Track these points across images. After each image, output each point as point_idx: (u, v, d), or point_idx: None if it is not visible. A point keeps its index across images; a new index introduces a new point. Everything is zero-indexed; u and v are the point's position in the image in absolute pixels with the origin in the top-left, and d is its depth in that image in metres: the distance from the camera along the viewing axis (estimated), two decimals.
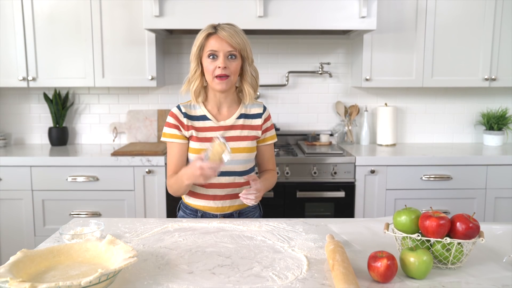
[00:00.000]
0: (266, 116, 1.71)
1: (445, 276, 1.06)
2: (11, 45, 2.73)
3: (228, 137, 1.62)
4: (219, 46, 1.54)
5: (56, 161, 2.58)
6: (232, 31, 1.55)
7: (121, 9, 2.70)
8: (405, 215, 1.12)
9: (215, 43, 1.54)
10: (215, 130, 1.62)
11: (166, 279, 1.04)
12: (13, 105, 3.10)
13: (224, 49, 1.54)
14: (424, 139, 3.17)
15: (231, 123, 1.64)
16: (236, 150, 1.61)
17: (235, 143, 1.62)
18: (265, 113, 1.71)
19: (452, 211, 2.58)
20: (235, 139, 1.63)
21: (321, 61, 3.06)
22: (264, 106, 1.73)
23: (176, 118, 1.63)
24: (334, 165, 2.57)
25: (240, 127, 1.65)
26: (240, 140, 1.63)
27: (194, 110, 1.65)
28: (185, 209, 1.71)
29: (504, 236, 1.33)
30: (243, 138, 1.64)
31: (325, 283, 1.03)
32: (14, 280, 0.89)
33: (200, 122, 1.63)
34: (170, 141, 1.63)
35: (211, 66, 1.55)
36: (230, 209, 1.66)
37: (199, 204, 1.66)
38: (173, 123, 1.63)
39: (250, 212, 1.71)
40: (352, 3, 2.51)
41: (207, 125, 1.63)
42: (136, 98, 3.10)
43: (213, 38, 1.55)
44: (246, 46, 1.58)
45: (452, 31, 2.75)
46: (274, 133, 1.75)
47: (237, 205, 1.67)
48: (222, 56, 1.54)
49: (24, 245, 2.55)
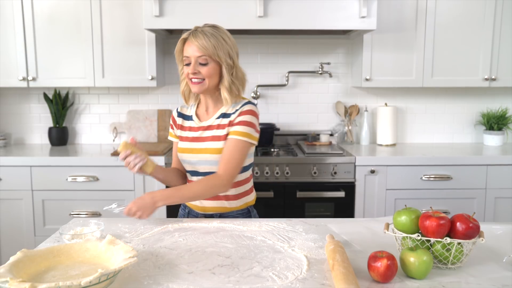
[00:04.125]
0: (241, 110, 1.57)
1: (445, 276, 1.06)
2: (11, 45, 2.73)
3: (204, 137, 1.61)
4: (190, 52, 1.54)
5: (56, 161, 2.58)
6: (202, 35, 1.51)
7: (121, 9, 2.70)
8: (405, 215, 1.12)
9: (187, 49, 1.55)
10: (195, 130, 1.64)
11: (166, 279, 1.04)
12: (13, 105, 3.10)
13: (194, 55, 1.53)
14: (424, 139, 3.17)
15: (209, 123, 1.62)
16: (209, 151, 1.58)
17: (209, 143, 1.59)
18: (242, 108, 1.57)
19: (452, 211, 2.57)
20: (210, 139, 1.60)
21: (321, 61, 3.06)
22: (247, 101, 1.61)
23: (172, 118, 1.74)
24: (334, 165, 2.57)
25: (216, 127, 1.61)
26: (214, 140, 1.59)
27: (188, 110, 1.72)
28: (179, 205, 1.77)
29: (504, 236, 1.33)
30: (218, 138, 1.58)
31: (325, 283, 1.03)
32: (14, 280, 0.89)
33: (188, 122, 1.69)
34: (170, 139, 1.76)
35: (186, 71, 1.57)
36: (211, 210, 1.63)
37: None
38: (171, 123, 1.75)
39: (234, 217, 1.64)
40: (352, 3, 2.51)
41: (190, 125, 1.67)
42: (136, 98, 3.10)
43: (187, 44, 1.55)
44: (218, 50, 1.52)
45: (452, 31, 2.75)
46: (244, 130, 1.54)
47: (219, 207, 1.63)
48: (193, 62, 1.53)
49: (24, 245, 2.55)
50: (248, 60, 3.07)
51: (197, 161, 1.61)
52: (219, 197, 1.61)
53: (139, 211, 1.44)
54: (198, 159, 1.60)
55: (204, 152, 1.59)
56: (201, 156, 1.60)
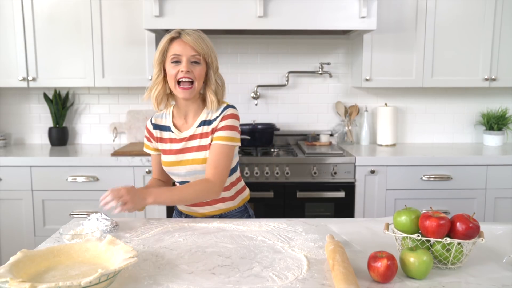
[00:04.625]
0: (223, 115, 1.54)
1: (445, 276, 1.06)
2: (11, 45, 2.73)
3: (188, 147, 1.56)
4: (182, 50, 1.48)
5: (56, 161, 2.58)
6: (196, 35, 1.50)
7: (121, 9, 2.70)
8: (405, 215, 1.12)
9: (179, 47, 1.49)
10: (177, 142, 1.57)
11: (166, 279, 1.04)
12: (13, 105, 3.10)
13: (187, 53, 1.48)
14: (424, 139, 3.17)
15: (191, 133, 1.57)
16: (196, 161, 1.54)
17: (193, 153, 1.55)
18: (223, 113, 1.54)
19: (452, 211, 2.57)
20: (195, 150, 1.55)
21: (321, 61, 3.06)
22: (225, 106, 1.56)
23: (148, 130, 1.65)
24: (334, 165, 2.57)
25: (199, 136, 1.55)
26: (200, 150, 1.54)
27: (164, 120, 1.62)
28: (176, 211, 1.74)
29: (504, 236, 1.33)
30: (203, 148, 1.54)
31: (325, 283, 1.03)
32: (14, 280, 0.89)
33: (166, 133, 1.61)
34: (147, 152, 1.69)
35: (174, 71, 1.49)
36: (210, 214, 1.63)
37: (183, 208, 1.67)
38: (146, 136, 1.67)
39: (234, 216, 1.66)
40: (352, 3, 2.51)
41: (171, 136, 1.59)
42: (136, 98, 3.10)
43: (177, 43, 1.50)
44: (211, 52, 1.52)
45: (452, 31, 2.75)
46: (227, 135, 1.52)
47: (217, 210, 1.63)
48: (185, 61, 1.48)
49: (24, 245, 2.55)
50: (248, 60, 3.07)
51: (186, 173, 1.57)
52: (215, 201, 1.59)
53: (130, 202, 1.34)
54: (187, 170, 1.56)
55: (192, 163, 1.55)
56: (190, 167, 1.56)
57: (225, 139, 1.52)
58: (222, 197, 1.60)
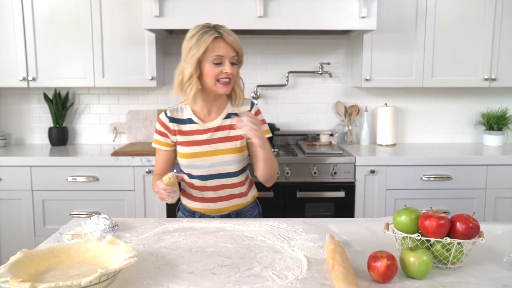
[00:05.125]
0: (254, 111, 1.68)
1: (445, 276, 1.06)
2: (11, 45, 2.73)
3: (216, 138, 1.61)
4: (226, 51, 1.52)
5: (56, 161, 2.58)
6: (236, 37, 1.56)
7: (121, 9, 2.70)
8: (405, 215, 1.12)
9: (223, 48, 1.52)
10: (202, 133, 1.61)
11: (166, 279, 1.04)
12: (13, 105, 3.10)
13: (229, 54, 1.53)
14: (424, 139, 3.17)
15: (218, 124, 1.63)
16: (225, 151, 1.60)
17: (223, 144, 1.61)
18: (253, 109, 1.68)
19: (452, 211, 2.57)
20: (223, 140, 1.62)
21: (321, 61, 3.06)
22: (252, 102, 1.70)
23: (163, 124, 1.65)
24: (334, 165, 2.57)
25: (228, 127, 1.63)
26: (228, 141, 1.62)
27: (181, 114, 1.65)
28: (183, 210, 1.73)
29: (504, 236, 1.33)
30: (231, 139, 1.62)
31: (325, 283, 1.03)
32: (14, 280, 0.89)
33: (187, 126, 1.63)
34: (157, 147, 1.68)
35: (216, 70, 1.52)
36: (227, 210, 1.66)
37: (196, 206, 1.67)
38: (160, 130, 1.66)
39: (248, 211, 1.71)
40: (352, 3, 2.51)
41: (193, 128, 1.63)
42: (136, 98, 3.10)
43: (220, 42, 1.52)
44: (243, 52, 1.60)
45: (452, 31, 2.75)
46: (266, 128, 1.68)
47: (234, 205, 1.67)
48: (228, 62, 1.53)
49: (24, 245, 2.55)
50: (248, 60, 3.03)
51: (212, 164, 1.60)
52: (232, 196, 1.65)
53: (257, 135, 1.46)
54: (213, 161, 1.60)
55: (221, 153, 1.60)
56: (217, 157, 1.60)
57: (267, 132, 1.66)
58: (240, 192, 1.66)
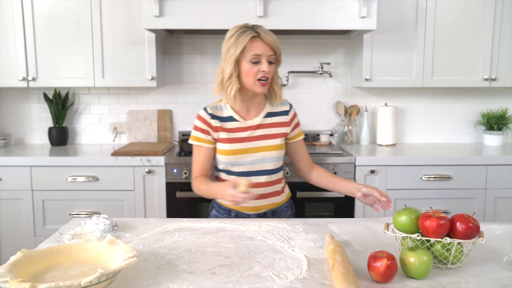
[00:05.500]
0: (293, 113, 1.74)
1: (445, 276, 1.06)
2: (11, 45, 2.73)
3: (257, 136, 1.64)
4: (263, 50, 1.54)
5: (56, 161, 2.58)
6: (274, 36, 1.57)
7: (121, 9, 2.70)
8: (405, 215, 1.12)
9: (261, 47, 1.54)
10: (243, 130, 1.63)
11: (166, 279, 1.04)
12: (13, 105, 3.10)
13: (267, 53, 1.55)
14: (424, 139, 3.17)
15: (258, 122, 1.66)
16: (265, 149, 1.63)
17: (264, 141, 1.64)
18: (291, 110, 1.74)
19: (452, 211, 2.57)
20: (263, 138, 1.65)
21: (321, 61, 3.06)
22: (289, 103, 1.75)
23: (204, 121, 1.64)
24: (334, 165, 2.57)
25: (268, 126, 1.66)
26: (269, 139, 1.65)
27: (221, 112, 1.66)
28: (218, 208, 1.72)
29: (504, 236, 1.33)
30: (272, 136, 1.66)
31: (325, 283, 1.03)
32: (14, 280, 0.89)
33: (228, 124, 1.64)
34: (197, 145, 1.65)
35: (254, 69, 1.54)
36: (263, 208, 1.67)
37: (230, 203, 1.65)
38: (200, 127, 1.64)
39: (283, 211, 1.73)
40: (352, 3, 2.51)
41: (235, 126, 1.64)
42: (136, 98, 3.10)
43: (258, 41, 1.54)
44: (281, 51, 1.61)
45: (452, 31, 2.75)
46: (301, 130, 1.77)
47: (270, 204, 1.68)
48: (265, 61, 1.55)
49: (24, 245, 2.55)
50: None
51: (253, 161, 1.63)
52: (273, 194, 1.67)
53: None
54: (255, 158, 1.62)
55: (263, 150, 1.63)
56: (259, 155, 1.63)
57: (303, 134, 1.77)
58: (276, 191, 1.68)
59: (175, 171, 2.56)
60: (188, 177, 2.54)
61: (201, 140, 1.64)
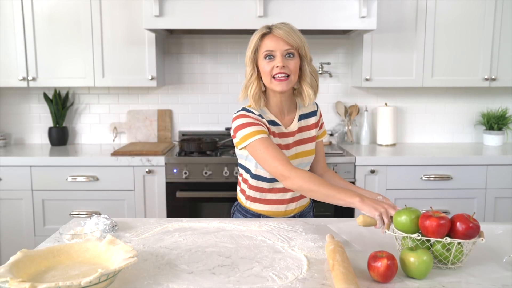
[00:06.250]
0: (319, 112, 1.66)
1: (445, 276, 1.06)
2: (11, 45, 2.73)
3: (296, 141, 1.56)
4: (275, 45, 1.45)
5: (56, 161, 2.58)
6: (287, 29, 1.48)
7: (121, 9, 2.70)
8: (405, 215, 1.12)
9: (271, 42, 1.46)
10: (286, 136, 1.54)
11: (166, 279, 1.04)
12: (13, 105, 3.10)
13: (280, 48, 1.45)
14: (424, 139, 3.17)
15: (296, 127, 1.57)
16: (303, 154, 1.57)
17: (301, 146, 1.57)
18: (318, 110, 1.66)
19: (452, 211, 2.57)
20: (301, 143, 1.57)
21: (321, 61, 3.06)
22: (315, 102, 1.66)
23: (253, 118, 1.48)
24: (334, 165, 2.57)
25: (303, 129, 1.59)
26: (305, 143, 1.58)
27: (264, 114, 1.53)
28: (245, 214, 1.62)
29: (504, 236, 1.33)
30: (307, 141, 1.59)
31: (325, 283, 1.03)
32: (14, 280, 0.89)
33: (273, 128, 1.52)
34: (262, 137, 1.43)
35: (268, 67, 1.45)
36: (293, 212, 1.61)
37: (263, 209, 1.59)
38: (251, 122, 1.46)
39: (308, 213, 1.69)
40: (352, 3, 2.51)
41: (279, 131, 1.54)
42: (136, 98, 3.10)
43: (268, 38, 1.47)
44: (304, 44, 1.50)
45: (452, 31, 2.75)
46: (324, 129, 1.70)
47: (299, 207, 1.63)
48: (279, 55, 1.45)
49: (24, 245, 2.55)
50: None
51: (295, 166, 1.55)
52: (299, 197, 1.60)
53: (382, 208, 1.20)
54: (296, 164, 1.53)
55: (302, 156, 1.57)
56: (299, 160, 1.56)
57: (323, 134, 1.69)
58: None
59: (175, 171, 2.56)
60: (188, 177, 2.54)
61: (263, 132, 1.44)
